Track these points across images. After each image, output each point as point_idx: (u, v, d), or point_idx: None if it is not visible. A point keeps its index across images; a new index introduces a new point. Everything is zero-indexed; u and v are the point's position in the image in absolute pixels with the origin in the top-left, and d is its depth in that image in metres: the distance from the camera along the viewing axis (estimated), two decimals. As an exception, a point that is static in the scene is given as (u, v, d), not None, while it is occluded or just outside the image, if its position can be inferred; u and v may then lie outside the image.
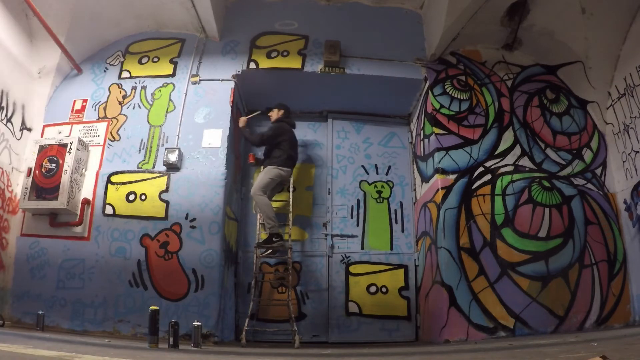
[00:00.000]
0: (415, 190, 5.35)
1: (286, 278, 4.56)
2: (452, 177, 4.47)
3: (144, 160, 4.57)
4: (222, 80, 4.90)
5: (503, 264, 4.16)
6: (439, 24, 4.71)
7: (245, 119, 4.96)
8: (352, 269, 5.02)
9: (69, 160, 4.31)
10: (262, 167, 4.90)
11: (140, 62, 5.04)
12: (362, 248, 5.14)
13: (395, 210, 5.34)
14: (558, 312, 4.07)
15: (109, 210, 4.35)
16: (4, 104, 4.37)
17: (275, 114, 4.93)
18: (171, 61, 5.03)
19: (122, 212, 4.34)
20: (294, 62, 5.03)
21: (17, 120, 4.57)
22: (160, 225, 4.27)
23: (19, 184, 4.50)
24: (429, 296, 4.53)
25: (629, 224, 4.31)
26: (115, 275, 4.12)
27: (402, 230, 5.26)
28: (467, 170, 4.52)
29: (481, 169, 4.54)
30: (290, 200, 4.87)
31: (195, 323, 3.32)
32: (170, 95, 4.83)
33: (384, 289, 4.96)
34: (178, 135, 4.63)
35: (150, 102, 4.82)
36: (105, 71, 5.02)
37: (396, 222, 5.29)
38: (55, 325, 4.00)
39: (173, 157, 4.44)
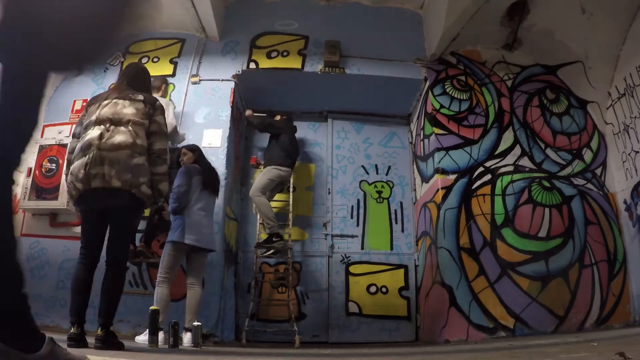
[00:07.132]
0: (415, 190, 5.35)
1: (286, 278, 4.56)
2: (452, 177, 4.47)
3: (144, 160, 4.56)
4: (222, 80, 4.89)
5: (503, 264, 4.16)
6: (438, 24, 4.70)
7: (252, 112, 5.05)
8: (352, 269, 5.02)
9: (69, 160, 4.31)
10: (261, 167, 4.91)
11: (140, 62, 5.04)
12: (362, 248, 5.14)
13: (395, 210, 5.34)
14: (558, 312, 4.06)
15: (109, 210, 4.34)
16: (4, 104, 4.37)
17: (279, 118, 5.02)
18: (171, 61, 5.02)
19: (122, 212, 4.33)
20: (294, 62, 5.03)
21: (17, 120, 4.56)
22: (160, 225, 4.26)
23: (19, 184, 4.49)
24: (429, 296, 4.53)
25: (629, 224, 4.31)
26: (115, 275, 4.11)
27: (402, 230, 5.26)
28: (467, 170, 4.52)
29: (481, 169, 4.53)
30: (290, 200, 4.87)
31: (195, 323, 3.32)
32: (170, 95, 4.83)
33: (384, 289, 4.96)
34: (178, 135, 4.62)
35: (150, 102, 4.81)
36: (105, 71, 5.01)
37: (396, 222, 5.29)
38: (55, 325, 3.98)
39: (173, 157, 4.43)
